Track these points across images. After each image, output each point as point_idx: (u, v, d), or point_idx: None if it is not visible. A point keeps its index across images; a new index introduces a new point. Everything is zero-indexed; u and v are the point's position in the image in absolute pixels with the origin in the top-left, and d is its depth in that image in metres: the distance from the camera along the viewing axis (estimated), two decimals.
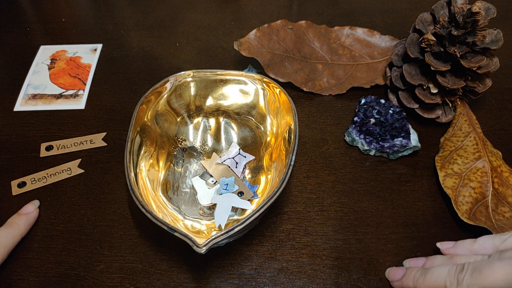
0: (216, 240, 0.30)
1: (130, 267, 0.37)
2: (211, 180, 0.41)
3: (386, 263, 0.37)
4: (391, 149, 0.44)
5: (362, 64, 0.53)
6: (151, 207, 0.35)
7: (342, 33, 0.55)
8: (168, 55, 0.57)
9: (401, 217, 0.40)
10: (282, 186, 0.33)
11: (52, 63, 0.56)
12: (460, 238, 0.39)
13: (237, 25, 0.61)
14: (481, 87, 0.45)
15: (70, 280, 0.36)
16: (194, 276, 0.37)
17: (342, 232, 0.39)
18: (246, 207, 0.37)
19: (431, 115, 0.47)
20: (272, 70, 0.51)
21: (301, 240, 0.39)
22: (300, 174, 0.44)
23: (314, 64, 0.53)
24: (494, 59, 0.44)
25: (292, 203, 0.41)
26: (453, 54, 0.42)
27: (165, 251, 0.38)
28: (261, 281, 0.36)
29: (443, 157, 0.43)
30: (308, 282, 0.36)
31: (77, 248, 0.38)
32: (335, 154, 0.46)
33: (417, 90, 0.45)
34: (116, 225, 0.40)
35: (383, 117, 0.44)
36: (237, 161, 0.41)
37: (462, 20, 0.41)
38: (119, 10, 0.64)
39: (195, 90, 0.43)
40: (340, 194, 0.42)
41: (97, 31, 0.61)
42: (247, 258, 0.38)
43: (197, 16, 0.63)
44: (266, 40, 0.53)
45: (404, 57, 0.48)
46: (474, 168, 0.42)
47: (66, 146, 0.46)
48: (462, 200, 0.40)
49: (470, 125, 0.46)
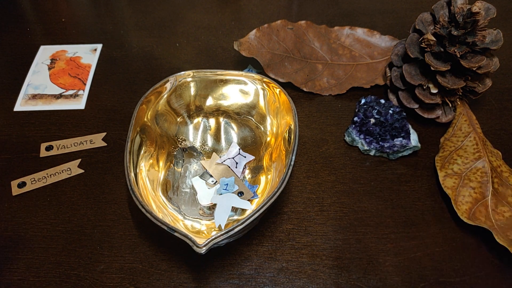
0: (216, 240, 0.30)
1: (130, 267, 0.37)
2: (211, 180, 0.41)
3: (386, 263, 0.37)
4: (391, 149, 0.44)
5: (362, 64, 0.53)
6: (151, 207, 0.35)
7: (342, 33, 0.55)
8: (168, 55, 0.57)
9: (401, 217, 0.40)
10: (282, 186, 0.33)
11: (52, 63, 0.56)
12: (460, 238, 0.39)
13: (237, 25, 0.61)
14: (481, 87, 0.45)
15: (70, 280, 0.36)
16: (194, 276, 0.37)
17: (342, 232, 0.39)
18: (246, 207, 0.37)
19: (431, 115, 0.47)
20: (272, 70, 0.51)
21: (301, 240, 0.39)
22: (300, 174, 0.44)
23: (314, 64, 0.53)
24: (494, 59, 0.44)
25: (292, 203, 0.42)
26: (453, 54, 0.42)
27: (165, 251, 0.38)
28: (261, 281, 0.36)
29: (443, 157, 0.43)
30: (308, 282, 0.36)
31: (77, 248, 0.38)
32: (335, 154, 0.46)
33: (417, 90, 0.45)
34: (116, 225, 0.40)
35: (383, 117, 0.44)
36: (237, 161, 0.41)
37: (462, 20, 0.41)
38: (119, 10, 0.64)
39: (195, 90, 0.43)
40: (340, 194, 0.42)
41: (97, 31, 0.61)
42: (247, 258, 0.38)
43: (197, 16, 0.63)
44: (266, 40, 0.53)
45: (404, 57, 0.48)
46: (474, 168, 0.42)
47: (66, 146, 0.46)
48: (462, 200, 0.40)
49: (470, 125, 0.46)
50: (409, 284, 0.36)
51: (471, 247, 0.38)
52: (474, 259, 0.38)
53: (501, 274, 0.37)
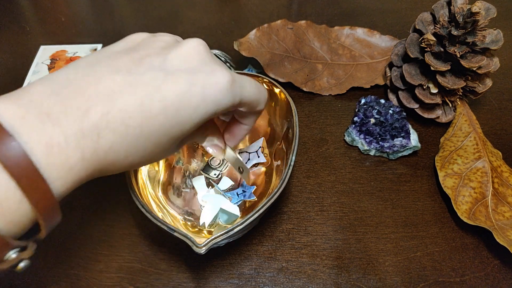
0: (216, 240, 0.30)
1: (129, 267, 0.37)
2: (213, 173, 0.40)
3: (386, 262, 0.37)
4: (391, 149, 0.44)
5: (362, 64, 0.53)
6: (151, 207, 0.35)
7: (342, 33, 0.55)
8: None
9: (401, 217, 0.40)
10: (282, 186, 0.33)
11: (52, 63, 0.56)
12: (460, 238, 0.39)
13: (237, 25, 0.61)
14: (481, 87, 0.45)
15: (69, 280, 0.36)
16: (193, 276, 0.37)
17: (342, 232, 0.39)
18: (234, 212, 0.37)
19: (431, 115, 0.47)
20: (272, 70, 0.51)
21: (301, 240, 0.39)
22: (300, 174, 0.44)
23: (314, 64, 0.53)
24: (494, 59, 0.44)
25: (292, 203, 0.41)
26: (453, 54, 0.42)
27: (164, 251, 0.38)
28: (261, 281, 0.36)
29: (443, 157, 0.43)
30: (308, 282, 0.36)
31: (76, 247, 0.38)
32: (335, 154, 0.46)
33: (417, 90, 0.45)
34: (115, 224, 0.40)
35: (383, 117, 0.44)
36: (250, 158, 0.41)
37: (462, 20, 0.41)
38: (119, 10, 0.64)
39: None
40: (340, 194, 0.42)
41: (97, 31, 0.60)
42: (247, 258, 0.38)
43: (196, 16, 0.63)
44: (266, 40, 0.53)
45: (404, 57, 0.48)
46: (474, 168, 0.42)
47: None
48: (462, 200, 0.40)
49: (470, 125, 0.45)
50: (409, 284, 0.36)
51: (471, 247, 0.38)
52: (474, 259, 0.38)
53: (501, 274, 0.37)
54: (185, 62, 0.25)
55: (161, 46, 0.26)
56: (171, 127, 0.23)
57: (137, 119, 0.22)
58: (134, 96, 0.22)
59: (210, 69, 0.25)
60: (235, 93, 0.25)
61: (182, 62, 0.24)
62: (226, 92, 0.25)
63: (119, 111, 0.21)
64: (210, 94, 0.24)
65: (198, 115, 0.24)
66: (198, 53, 0.25)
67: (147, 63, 0.24)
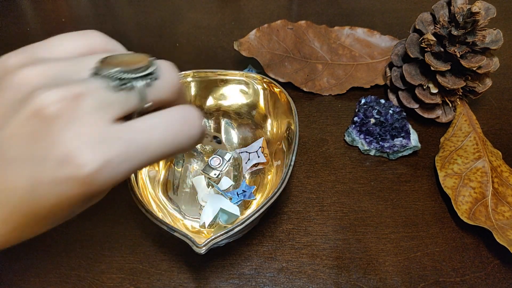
0: (216, 240, 0.30)
1: (130, 267, 0.37)
2: (213, 173, 0.41)
3: (386, 262, 0.37)
4: (391, 149, 0.44)
5: (362, 64, 0.53)
6: (151, 207, 0.35)
7: (342, 33, 0.55)
8: (168, 55, 0.57)
9: (401, 217, 0.40)
10: (282, 186, 0.33)
11: None
12: (460, 238, 0.39)
13: (237, 25, 0.61)
14: (481, 87, 0.45)
15: (70, 281, 0.36)
16: (194, 276, 0.37)
17: (342, 232, 0.39)
18: (235, 212, 0.37)
19: (431, 115, 0.47)
20: (272, 70, 0.51)
21: (301, 240, 0.39)
22: (300, 174, 0.44)
23: (314, 64, 0.53)
24: (494, 59, 0.44)
25: (292, 203, 0.42)
26: (453, 54, 0.42)
27: (165, 251, 0.38)
28: (261, 281, 0.36)
29: (443, 157, 0.43)
30: (308, 282, 0.36)
31: (77, 248, 0.38)
32: (335, 154, 0.46)
33: (417, 90, 0.45)
34: (116, 225, 0.40)
35: (383, 117, 0.44)
36: (250, 158, 0.41)
37: (462, 20, 0.41)
38: (119, 10, 0.64)
39: (195, 90, 0.43)
40: (340, 194, 0.42)
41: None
42: (247, 258, 0.38)
43: (197, 16, 0.63)
44: (266, 40, 0.53)
45: (404, 57, 0.48)
46: (474, 168, 0.42)
47: None
48: (462, 200, 0.40)
49: (470, 125, 0.46)
50: (409, 284, 0.36)
51: (471, 247, 0.38)
52: (474, 259, 0.38)
53: (501, 274, 0.37)
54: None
55: (13, 98, 0.18)
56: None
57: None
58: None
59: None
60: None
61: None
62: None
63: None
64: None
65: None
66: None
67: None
